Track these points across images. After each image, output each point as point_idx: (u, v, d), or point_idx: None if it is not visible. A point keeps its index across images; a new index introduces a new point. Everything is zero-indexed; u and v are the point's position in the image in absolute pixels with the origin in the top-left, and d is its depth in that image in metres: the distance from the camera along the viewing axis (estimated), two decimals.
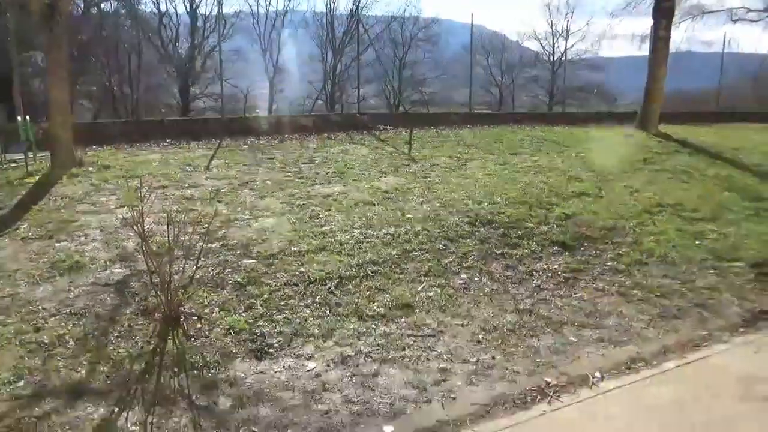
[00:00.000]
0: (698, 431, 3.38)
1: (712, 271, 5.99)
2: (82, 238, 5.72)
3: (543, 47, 36.33)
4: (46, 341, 4.03)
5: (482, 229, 6.46)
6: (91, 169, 8.18)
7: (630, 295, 5.34)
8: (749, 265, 6.20)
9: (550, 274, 5.63)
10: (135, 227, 4.49)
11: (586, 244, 6.40)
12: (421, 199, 7.29)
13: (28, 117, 8.86)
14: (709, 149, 11.90)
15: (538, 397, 3.77)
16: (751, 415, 3.56)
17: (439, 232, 6.27)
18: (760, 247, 6.70)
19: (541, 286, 5.38)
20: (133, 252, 5.41)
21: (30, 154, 8.64)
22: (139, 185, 6.83)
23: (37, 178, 7.74)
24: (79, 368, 3.79)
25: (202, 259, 5.13)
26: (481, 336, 4.46)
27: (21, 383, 3.59)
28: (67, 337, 4.10)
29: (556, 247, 6.22)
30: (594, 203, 7.65)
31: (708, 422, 3.47)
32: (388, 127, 13.19)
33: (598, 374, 4.04)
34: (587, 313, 4.93)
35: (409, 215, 6.69)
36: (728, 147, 12.33)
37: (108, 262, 5.22)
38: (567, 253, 6.12)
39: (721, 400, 3.74)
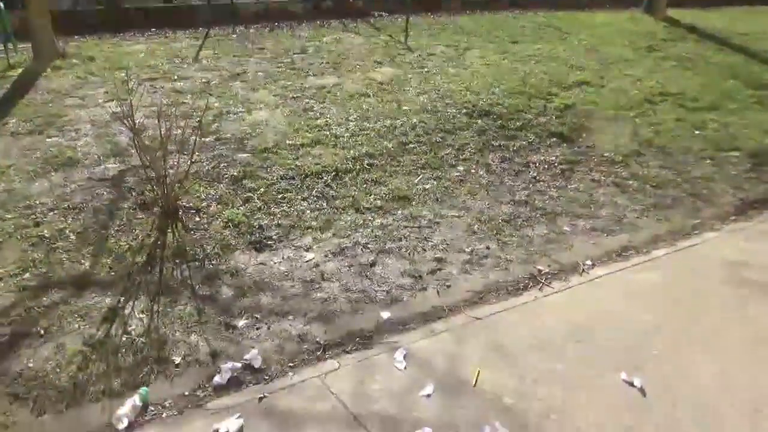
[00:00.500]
0: (682, 312, 3.53)
1: (708, 161, 5.99)
2: (73, 133, 5.62)
3: None
4: (47, 235, 4.08)
5: (480, 120, 6.35)
6: (75, 61, 7.86)
7: (625, 185, 5.36)
8: (747, 155, 6.18)
9: (546, 166, 5.62)
10: (126, 122, 4.40)
11: (584, 135, 6.33)
12: (417, 91, 7.10)
13: (2, 4, 8.37)
14: (716, 35, 11.45)
15: (530, 284, 3.90)
16: (734, 298, 3.71)
17: (436, 124, 6.17)
18: (760, 137, 6.65)
19: (538, 178, 5.39)
20: (126, 147, 5.34)
21: (10, 46, 8.27)
22: (126, 78, 6.60)
23: (20, 71, 7.46)
24: (83, 261, 3.87)
25: (197, 153, 5.07)
26: (476, 227, 4.53)
27: (27, 275, 3.68)
28: (67, 231, 4.15)
29: (554, 139, 6.16)
30: (595, 93, 7.47)
31: (692, 305, 3.62)
32: (383, 13, 12.56)
33: (589, 262, 4.16)
34: (582, 203, 4.98)
35: (405, 107, 6.55)
36: (737, 32, 11.86)
37: (101, 157, 5.17)
38: (565, 145, 6.08)
39: (706, 284, 3.88)
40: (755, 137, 6.64)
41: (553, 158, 5.77)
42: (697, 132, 6.65)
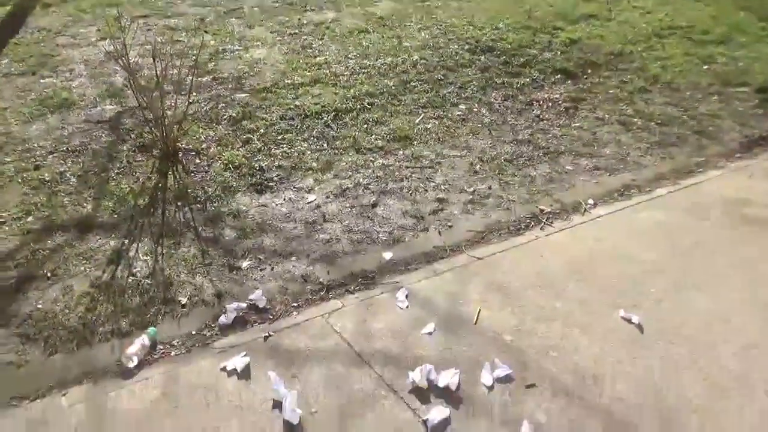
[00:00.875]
0: (682, 251, 3.56)
1: (715, 97, 5.87)
2: (67, 74, 5.51)
3: None
4: (47, 179, 4.07)
5: (483, 57, 6.19)
6: None
7: (630, 123, 5.28)
8: (755, 90, 6.05)
9: (550, 104, 5.52)
10: (120, 61, 4.29)
11: (589, 71, 6.18)
12: (419, 26, 6.89)
13: None
14: None
15: (532, 223, 3.91)
16: (735, 237, 3.72)
17: (438, 62, 6.02)
18: None
19: (541, 116, 5.30)
20: (121, 87, 5.24)
21: None
22: (118, 14, 6.40)
23: (8, 8, 7.23)
24: (85, 204, 3.87)
25: (194, 93, 4.99)
26: (478, 166, 4.49)
27: (30, 219, 3.70)
28: (68, 174, 4.14)
29: (558, 75, 6.02)
30: (602, 27, 7.24)
31: (693, 243, 3.64)
32: None
33: (591, 201, 4.15)
34: (585, 142, 4.92)
35: (406, 43, 6.38)
36: None
37: (97, 99, 5.08)
38: (569, 81, 5.94)
39: (708, 222, 3.89)
40: (764, 71, 6.47)
41: (557, 96, 5.66)
42: (705, 67, 6.48)
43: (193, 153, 4.46)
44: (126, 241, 3.57)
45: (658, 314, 3.01)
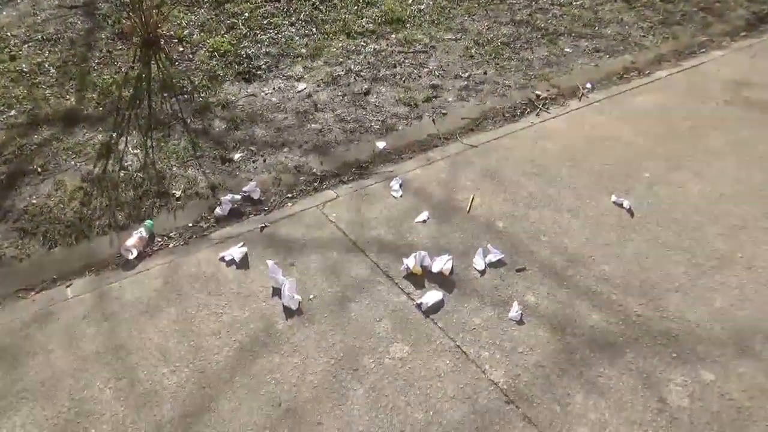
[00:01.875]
0: (678, 135, 3.52)
1: None
2: None
3: None
4: (26, 70, 3.91)
5: None
6: None
7: (633, 0, 5.02)
8: None
9: None
10: None
11: None
12: None
13: None
14: None
15: (528, 109, 3.84)
16: (732, 120, 3.67)
17: None
18: None
19: None
20: None
21: None
22: None
23: None
24: (68, 96, 3.75)
25: None
26: (473, 51, 4.33)
27: (13, 112, 3.60)
28: (46, 65, 3.97)
29: None
30: None
31: (690, 126, 3.60)
32: None
33: (588, 85, 4.05)
34: (586, 22, 4.70)
35: None
36: None
37: None
38: None
39: (706, 106, 3.82)
40: None
41: None
42: None
43: (176, 40, 4.26)
44: (114, 135, 3.50)
45: (650, 198, 3.04)
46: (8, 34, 4.20)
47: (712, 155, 3.35)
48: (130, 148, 3.41)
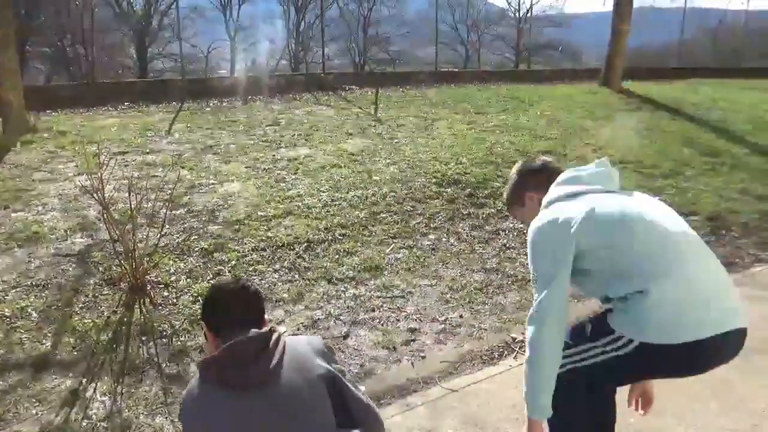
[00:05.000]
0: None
1: None
2: (40, 208, 5.55)
3: (509, 3, 36.08)
4: (7, 314, 3.94)
5: (449, 189, 6.50)
6: (46, 135, 7.87)
7: None
8: (705, 218, 6.41)
9: (516, 233, 5.73)
10: (95, 195, 4.37)
11: None
12: (388, 161, 7.27)
13: None
14: (669, 105, 12.12)
15: (505, 352, 3.88)
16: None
17: (406, 194, 6.28)
18: (716, 201, 6.93)
19: (507, 245, 5.48)
20: (94, 221, 5.28)
21: None
22: (97, 151, 6.61)
23: None
24: (44, 340, 3.73)
25: (167, 226, 5.05)
26: (449, 295, 4.53)
27: None
28: (29, 310, 4.02)
29: None
30: (559, 162, 7.73)
31: None
32: (353, 87, 13.01)
33: None
34: None
35: (376, 177, 6.68)
36: (688, 103, 12.58)
37: (68, 232, 5.09)
38: None
39: None
40: (711, 201, 6.92)
41: (522, 225, 5.89)
42: (657, 198, 6.89)
43: (162, 285, 4.42)
44: (84, 380, 3.39)
45: None
46: None
47: (693, 399, 3.33)
48: (98, 395, 3.28)
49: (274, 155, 7.30)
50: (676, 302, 1.81)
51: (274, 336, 1.87)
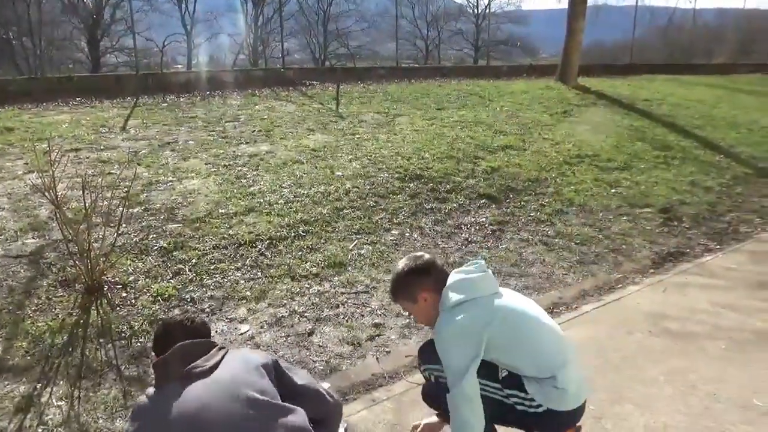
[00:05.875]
0: (614, 365, 3.65)
1: (625, 218, 6.38)
2: None
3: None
4: None
5: (412, 184, 6.53)
6: None
7: (552, 243, 5.60)
8: (657, 211, 6.64)
9: (477, 227, 5.81)
10: (47, 194, 4.22)
11: (511, 196, 6.62)
12: (350, 157, 7.25)
13: None
14: (623, 101, 12.48)
15: None
16: (658, 347, 3.88)
17: (369, 189, 6.28)
18: (667, 193, 7.19)
19: (470, 239, 5.55)
20: (46, 220, 5.10)
21: None
22: (48, 148, 6.37)
23: None
24: None
25: (124, 225, 4.92)
26: None
27: None
28: None
29: (483, 200, 6.40)
30: (518, 156, 7.88)
31: (623, 357, 3.75)
32: (314, 82, 12.90)
33: None
34: (513, 262, 5.14)
35: (338, 173, 6.66)
36: (640, 99, 12.97)
37: (19, 232, 4.89)
38: (494, 206, 6.32)
39: (633, 336, 4.05)
40: (663, 193, 7.17)
41: (483, 219, 5.98)
42: (612, 190, 7.11)
43: (120, 286, 4.30)
44: (39, 385, 3.28)
45: (598, 430, 3.01)
46: None
47: (649, 385, 3.45)
48: (53, 400, 3.18)
49: (234, 151, 7.19)
50: (570, 382, 2.38)
51: (218, 345, 2.12)
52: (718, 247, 5.92)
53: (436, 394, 2.59)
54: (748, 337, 4.05)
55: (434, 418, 2.82)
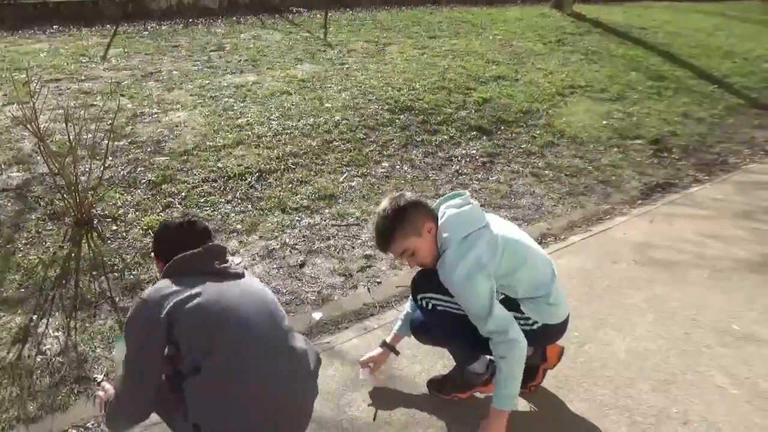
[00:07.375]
0: (599, 293, 3.75)
1: (616, 149, 6.37)
2: None
3: None
4: None
5: (402, 116, 6.44)
6: None
7: (542, 175, 5.61)
8: (648, 142, 6.63)
9: (468, 159, 5.79)
10: (29, 126, 4.12)
11: (502, 127, 6.56)
12: (339, 87, 7.09)
13: None
14: (618, 29, 12.18)
15: None
16: (643, 276, 3.97)
17: (359, 121, 6.19)
18: (659, 125, 7.15)
19: (460, 171, 5.54)
20: (30, 153, 5.00)
21: None
22: (27, 79, 6.16)
23: None
24: None
25: (110, 158, 4.84)
26: None
27: None
28: None
29: (474, 132, 6.34)
30: (510, 87, 7.75)
31: (608, 285, 3.85)
32: (301, 9, 12.43)
33: None
34: (503, 194, 5.16)
35: (327, 104, 6.53)
36: (636, 27, 12.66)
37: (2, 165, 4.81)
38: (485, 138, 6.27)
39: (618, 265, 4.14)
40: (655, 125, 7.13)
41: (474, 151, 5.95)
42: (604, 122, 7.06)
43: (110, 219, 4.29)
44: (34, 317, 3.33)
45: (582, 357, 3.13)
46: None
47: (631, 312, 3.56)
48: (50, 331, 3.23)
49: (220, 82, 7.00)
50: (559, 295, 2.62)
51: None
52: (707, 178, 5.96)
53: (430, 324, 2.73)
54: (730, 266, 4.15)
55: (378, 349, 2.94)
